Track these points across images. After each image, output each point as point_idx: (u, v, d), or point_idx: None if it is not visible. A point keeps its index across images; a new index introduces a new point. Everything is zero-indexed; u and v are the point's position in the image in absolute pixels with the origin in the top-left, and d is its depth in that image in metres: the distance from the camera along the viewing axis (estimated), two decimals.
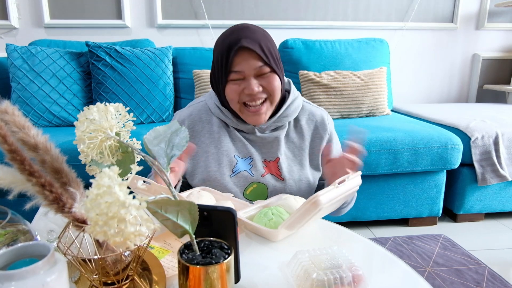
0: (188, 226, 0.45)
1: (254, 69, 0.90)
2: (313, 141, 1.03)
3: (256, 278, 0.59)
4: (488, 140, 1.86)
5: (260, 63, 0.90)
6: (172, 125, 0.53)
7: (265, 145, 1.00)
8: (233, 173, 0.98)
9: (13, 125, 0.48)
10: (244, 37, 0.89)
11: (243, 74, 0.90)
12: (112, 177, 0.37)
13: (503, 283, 1.46)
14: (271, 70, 0.92)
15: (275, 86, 0.93)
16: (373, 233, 1.91)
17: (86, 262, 0.49)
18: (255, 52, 0.89)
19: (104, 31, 2.35)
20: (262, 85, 0.91)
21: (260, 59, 0.90)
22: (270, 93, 0.93)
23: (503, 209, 1.99)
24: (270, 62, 0.90)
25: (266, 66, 0.90)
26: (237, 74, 0.90)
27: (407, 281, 0.60)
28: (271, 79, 0.92)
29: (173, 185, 0.88)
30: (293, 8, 2.49)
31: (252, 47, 0.88)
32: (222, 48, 0.91)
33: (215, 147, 1.00)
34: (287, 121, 1.01)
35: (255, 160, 0.99)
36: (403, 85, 2.74)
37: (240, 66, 0.89)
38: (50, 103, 1.94)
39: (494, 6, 2.68)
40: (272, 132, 1.00)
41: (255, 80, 0.91)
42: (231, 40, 0.90)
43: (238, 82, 0.92)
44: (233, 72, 0.90)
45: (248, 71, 0.90)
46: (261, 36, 0.92)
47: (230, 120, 0.99)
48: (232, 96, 0.93)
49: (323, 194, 0.64)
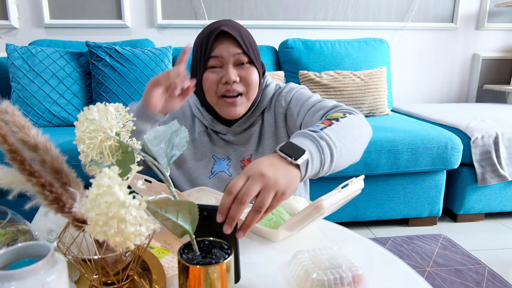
0: (188, 226, 0.45)
1: (233, 56, 0.89)
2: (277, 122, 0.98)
3: (256, 278, 0.59)
4: (488, 140, 1.86)
5: (239, 50, 0.89)
6: (172, 125, 0.53)
7: (241, 144, 0.99)
8: (211, 174, 0.98)
9: (13, 125, 0.48)
10: (225, 24, 0.90)
11: (221, 60, 0.89)
12: (112, 177, 0.37)
13: (503, 283, 1.46)
14: (249, 61, 0.91)
15: (253, 79, 0.91)
16: (373, 233, 1.91)
17: (86, 262, 0.49)
18: (234, 39, 0.88)
19: (104, 31, 2.35)
20: (240, 75, 0.90)
21: (239, 46, 0.89)
22: (247, 85, 0.91)
23: (503, 209, 1.99)
24: (249, 52, 0.89)
25: (244, 55, 0.89)
26: (215, 60, 0.89)
27: (407, 281, 0.60)
28: (250, 71, 0.91)
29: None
30: (293, 8, 2.49)
31: (232, 32, 0.88)
32: (202, 36, 0.91)
33: (194, 147, 1.00)
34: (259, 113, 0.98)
35: (232, 160, 0.99)
36: (403, 85, 2.74)
37: (219, 51, 0.88)
38: (50, 103, 1.94)
39: (494, 6, 2.68)
40: (246, 130, 0.99)
41: (234, 69, 0.89)
42: (211, 28, 0.90)
43: (216, 70, 0.90)
44: (212, 57, 0.89)
45: (227, 57, 0.88)
46: (242, 28, 0.92)
47: (207, 121, 0.98)
48: (209, 85, 0.90)
49: (327, 198, 0.63)
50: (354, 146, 0.74)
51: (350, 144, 0.72)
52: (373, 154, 1.76)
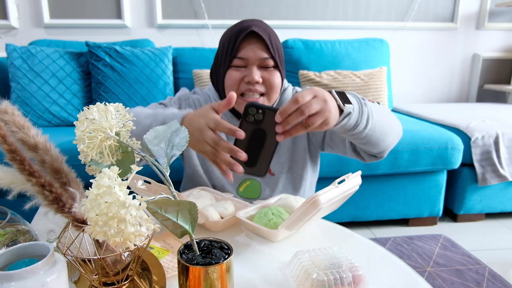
0: (188, 226, 0.45)
1: (259, 59, 0.88)
2: None
3: (256, 278, 0.58)
4: (488, 140, 1.86)
5: (266, 55, 0.88)
6: (172, 125, 0.53)
7: None
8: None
9: (13, 125, 0.48)
10: (256, 25, 0.88)
11: (246, 62, 0.88)
12: (112, 177, 0.37)
13: (504, 283, 1.46)
14: (275, 65, 0.90)
15: (276, 82, 0.91)
16: (373, 233, 1.91)
17: (86, 262, 0.49)
18: (263, 41, 0.87)
19: (104, 31, 2.35)
20: (263, 77, 0.89)
21: (267, 51, 0.88)
22: (269, 88, 0.91)
23: (503, 209, 1.99)
24: (275, 57, 0.89)
25: (271, 60, 0.88)
26: (240, 60, 0.88)
27: (407, 281, 0.60)
28: (273, 74, 0.90)
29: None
30: (293, 8, 2.49)
31: (262, 34, 0.87)
32: (231, 33, 0.90)
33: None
34: None
35: None
36: (403, 85, 2.74)
37: (246, 53, 0.87)
38: (49, 103, 1.94)
39: (494, 6, 2.68)
40: None
41: (258, 70, 0.89)
42: (242, 26, 0.88)
43: (240, 70, 0.89)
44: (237, 58, 0.88)
45: (253, 60, 0.88)
46: (272, 31, 0.91)
47: (226, 118, 0.97)
48: (231, 82, 0.90)
49: (323, 194, 0.63)
50: (386, 130, 0.82)
51: (383, 124, 0.80)
52: None
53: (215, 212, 0.74)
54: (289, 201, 0.76)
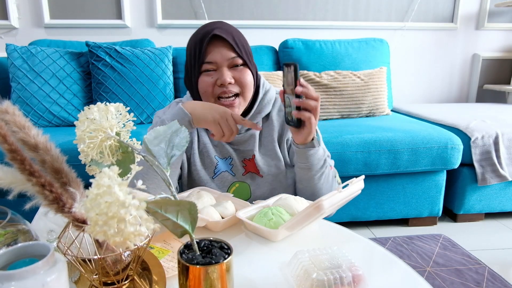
0: (188, 226, 0.45)
1: (227, 60, 0.90)
2: (282, 131, 1.01)
3: (256, 278, 0.59)
4: (488, 140, 1.86)
5: (233, 54, 0.90)
6: (172, 125, 0.53)
7: (241, 144, 1.00)
8: (214, 174, 0.99)
9: (13, 125, 0.48)
10: (217, 27, 0.90)
11: (216, 65, 0.90)
12: (112, 177, 0.37)
13: (503, 283, 1.46)
14: (243, 63, 0.92)
15: (247, 80, 0.92)
16: (373, 233, 1.91)
17: (86, 262, 0.49)
18: (228, 42, 0.89)
19: (104, 31, 2.35)
20: (234, 77, 0.91)
21: (232, 50, 0.90)
22: (242, 86, 0.92)
23: (503, 209, 1.99)
24: (242, 55, 0.91)
25: (238, 58, 0.91)
26: (210, 64, 0.90)
27: (407, 281, 0.60)
28: (244, 73, 0.92)
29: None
30: (293, 8, 2.49)
31: (225, 36, 0.89)
32: (195, 39, 0.92)
33: (198, 147, 1.00)
34: (261, 117, 1.00)
35: (234, 159, 0.99)
36: (403, 85, 2.74)
37: (213, 56, 0.89)
38: (50, 103, 1.94)
39: (494, 6, 2.68)
40: (247, 130, 1.00)
41: (228, 71, 0.91)
42: (204, 31, 0.90)
43: (211, 73, 0.91)
44: (206, 63, 0.90)
45: (221, 61, 0.90)
46: (234, 30, 0.93)
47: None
48: (205, 88, 0.92)
49: (327, 198, 0.64)
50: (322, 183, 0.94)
51: (324, 179, 0.94)
52: (373, 154, 1.76)
53: (216, 212, 0.75)
54: (289, 201, 0.76)
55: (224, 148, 1.00)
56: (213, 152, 1.00)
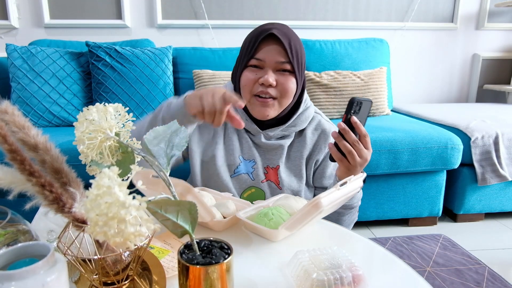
0: (188, 226, 0.45)
1: (275, 62, 0.88)
2: (313, 151, 0.99)
3: (256, 278, 0.59)
4: (488, 140, 1.86)
5: (283, 59, 0.88)
6: (172, 125, 0.53)
7: (269, 151, 0.98)
8: (234, 173, 0.97)
9: (13, 125, 0.48)
10: (277, 28, 0.88)
11: (263, 63, 0.89)
12: (112, 177, 0.37)
13: (503, 283, 1.46)
14: (291, 71, 0.90)
15: (290, 87, 0.90)
16: (373, 233, 1.91)
17: (86, 262, 0.49)
18: (282, 45, 0.87)
19: (104, 31, 2.35)
20: (278, 80, 0.89)
21: (285, 54, 0.88)
22: (282, 92, 0.90)
23: (503, 209, 1.99)
24: (293, 62, 0.88)
25: (288, 64, 0.88)
26: (257, 61, 0.89)
27: (407, 281, 0.60)
28: (288, 79, 0.90)
29: None
30: (293, 8, 2.49)
31: (281, 38, 0.87)
32: (252, 34, 0.91)
33: (224, 143, 0.99)
34: (294, 131, 0.99)
35: (257, 164, 0.98)
36: (403, 85, 2.74)
37: (263, 54, 0.88)
38: (50, 103, 1.94)
39: (494, 6, 2.68)
40: (278, 140, 0.98)
41: (273, 73, 0.89)
42: (263, 28, 0.89)
43: (256, 70, 0.90)
44: (255, 58, 0.89)
45: (269, 62, 0.88)
46: (293, 36, 0.91)
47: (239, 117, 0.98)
48: (246, 82, 0.90)
49: (325, 196, 0.63)
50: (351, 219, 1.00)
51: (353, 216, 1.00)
52: (373, 154, 1.76)
53: (217, 211, 0.75)
54: (289, 201, 0.76)
55: (250, 149, 0.98)
56: (238, 151, 0.98)
